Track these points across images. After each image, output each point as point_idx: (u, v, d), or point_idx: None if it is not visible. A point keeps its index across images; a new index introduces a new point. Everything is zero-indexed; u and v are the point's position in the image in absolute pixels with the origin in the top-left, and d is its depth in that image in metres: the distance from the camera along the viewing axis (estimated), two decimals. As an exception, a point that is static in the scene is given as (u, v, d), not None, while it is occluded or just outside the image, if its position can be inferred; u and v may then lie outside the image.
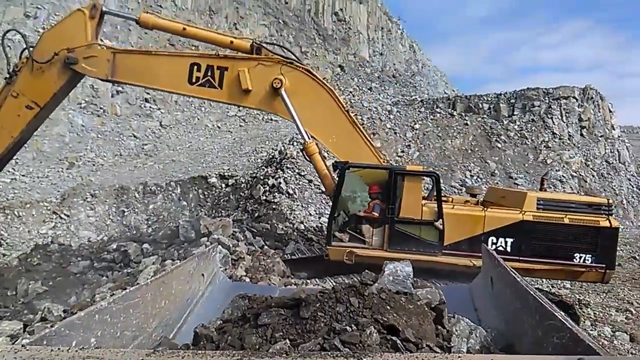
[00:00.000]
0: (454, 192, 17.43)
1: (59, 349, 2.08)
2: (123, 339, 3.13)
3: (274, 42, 16.56)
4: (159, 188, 15.76)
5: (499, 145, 20.62)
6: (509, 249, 8.07)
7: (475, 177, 18.87)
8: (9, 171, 16.77)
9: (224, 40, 9.00)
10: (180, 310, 3.98)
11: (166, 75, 8.75)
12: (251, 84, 8.52)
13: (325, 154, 9.42)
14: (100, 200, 15.06)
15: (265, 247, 9.58)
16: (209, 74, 8.59)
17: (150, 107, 23.91)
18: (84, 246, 11.48)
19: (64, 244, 11.73)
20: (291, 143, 18.76)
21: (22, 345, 2.16)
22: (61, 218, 14.07)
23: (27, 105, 8.43)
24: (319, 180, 10.27)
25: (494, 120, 22.08)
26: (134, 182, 16.34)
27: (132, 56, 9.07)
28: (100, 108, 21.81)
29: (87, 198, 14.98)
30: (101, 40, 9.49)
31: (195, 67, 8.60)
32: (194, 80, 8.60)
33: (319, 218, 13.82)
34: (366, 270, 3.75)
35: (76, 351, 2.03)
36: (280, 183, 14.96)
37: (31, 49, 8.46)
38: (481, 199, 9.59)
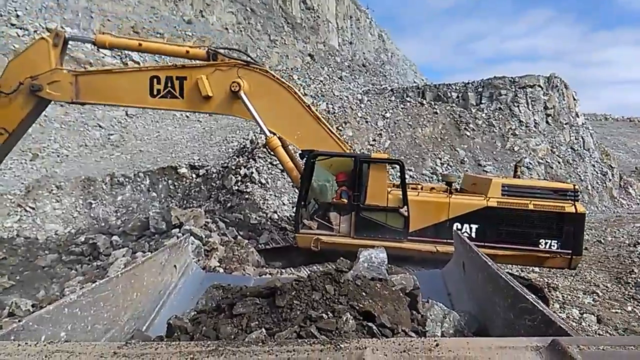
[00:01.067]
0: (426, 179, 17.69)
1: (26, 343, 2.03)
2: (94, 333, 3.07)
3: (229, 47, 16.50)
4: (127, 179, 15.41)
5: (468, 133, 20.99)
6: (473, 234, 8.25)
7: (445, 165, 19.18)
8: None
9: (180, 51, 9.16)
10: (153, 303, 3.92)
11: (128, 91, 8.85)
12: (211, 90, 8.65)
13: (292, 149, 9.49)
14: (66, 192, 14.61)
15: (239, 237, 9.53)
16: (169, 85, 8.70)
17: (116, 96, 23.29)
18: (51, 239, 11.17)
19: (30, 237, 11.39)
20: (262, 132, 18.61)
21: (-12, 342, 2.09)
22: (26, 211, 13.59)
23: None
24: (285, 172, 10.34)
25: (462, 109, 22.45)
26: (100, 173, 15.91)
27: (93, 77, 9.20)
28: (64, 97, 21.09)
29: (52, 190, 14.50)
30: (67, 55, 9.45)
31: (155, 79, 8.70)
32: (155, 93, 8.72)
33: (292, 207, 13.78)
34: (341, 258, 3.78)
35: (44, 345, 1.98)
36: (252, 173, 14.85)
37: None
38: (458, 187, 9.78)
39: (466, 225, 8.25)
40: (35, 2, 23.40)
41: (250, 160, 15.75)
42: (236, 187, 14.26)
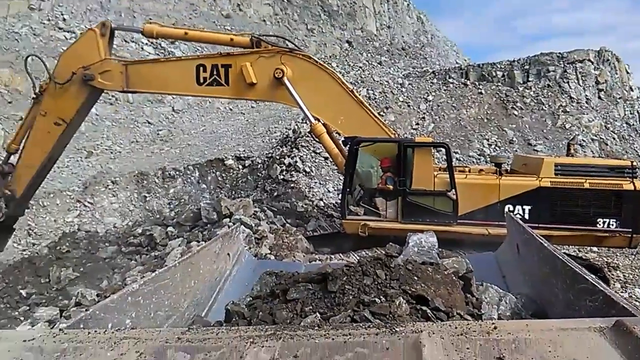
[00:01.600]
0: (473, 162, 17.26)
1: (96, 331, 2.15)
2: (157, 319, 3.22)
3: (272, 34, 16.41)
4: (177, 172, 15.94)
5: (516, 112, 20.25)
6: (526, 216, 8.03)
7: (493, 146, 18.63)
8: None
9: (224, 39, 9.34)
10: (210, 289, 4.07)
11: (175, 80, 9.10)
12: (255, 77, 8.71)
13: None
14: (121, 187, 15.30)
15: (287, 225, 9.69)
16: (215, 72, 8.85)
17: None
18: (110, 232, 11.75)
19: (90, 230, 12.01)
20: (304, 121, 18.68)
21: (60, 329, 2.24)
22: (85, 206, 14.35)
23: (55, 122, 8.98)
24: (330, 159, 10.36)
25: (508, 88, 21.65)
26: (152, 167, 16.53)
27: (142, 66, 9.46)
28: (113, 96, 21.89)
29: (108, 185, 15.23)
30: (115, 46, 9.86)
31: (201, 68, 8.86)
32: (201, 81, 8.90)
33: (338, 195, 13.78)
34: (390, 243, 3.78)
35: (113, 333, 2.10)
36: (296, 162, 14.98)
37: (52, 73, 8.96)
38: (507, 168, 9.53)
39: (518, 207, 8.04)
40: (80, 5, 24.33)
41: (294, 149, 15.89)
42: (281, 177, 14.45)
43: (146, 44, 24.05)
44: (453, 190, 8.04)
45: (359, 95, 9.45)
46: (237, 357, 1.74)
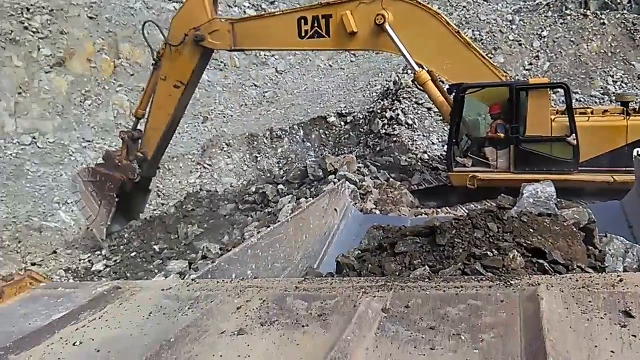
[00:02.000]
0: (595, 102, 15.54)
1: (223, 280, 2.40)
2: (274, 271, 3.49)
3: None
4: (284, 132, 16.56)
5: (646, 43, 17.66)
6: None
7: (619, 83, 16.52)
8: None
9: None
10: (320, 243, 4.28)
11: (279, 34, 9.23)
12: (356, 26, 8.49)
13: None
14: (235, 148, 16.34)
15: (391, 179, 9.68)
16: (316, 24, 8.76)
17: (265, 55, 24.59)
18: (228, 191, 12.66)
19: (211, 190, 13.06)
20: (405, 72, 18.06)
21: (193, 280, 2.53)
22: (205, 168, 15.62)
23: (174, 85, 9.63)
24: (436, 108, 9.94)
25: (636, 16, 18.82)
26: (261, 129, 17.34)
27: (247, 23, 9.70)
28: (222, 62, 23.02)
29: (223, 148, 16.34)
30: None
31: (303, 20, 8.82)
32: (303, 34, 8.88)
33: (443, 147, 13.35)
34: (502, 195, 3.63)
35: (238, 282, 2.32)
36: (398, 115, 14.69)
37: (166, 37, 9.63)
38: (636, 107, 8.50)
39: None
40: (188, -24, 25.51)
41: (395, 102, 15.54)
42: (384, 131, 14.29)
43: (248, 7, 24.70)
44: (573, 135, 7.38)
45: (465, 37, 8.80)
46: (350, 305, 1.85)
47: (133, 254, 9.99)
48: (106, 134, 17.89)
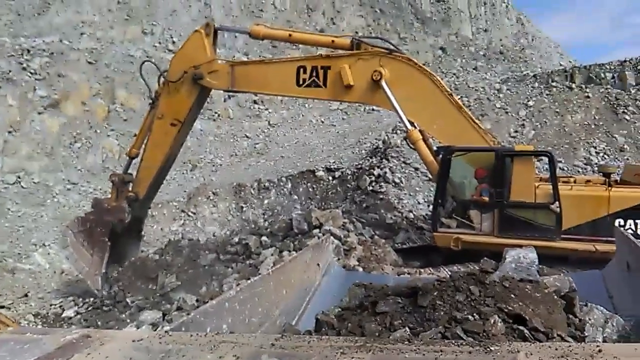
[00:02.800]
0: (578, 171, 15.95)
1: (197, 334, 2.32)
2: (251, 326, 3.38)
3: (373, 36, 16.26)
4: (271, 184, 16.61)
5: (627, 117, 18.39)
6: (639, 231, 7.25)
7: (601, 154, 17.06)
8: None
9: (326, 41, 9.49)
10: (300, 299, 4.19)
11: (277, 80, 9.38)
12: (352, 79, 8.66)
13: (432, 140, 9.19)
14: (221, 198, 16.29)
15: (376, 236, 9.65)
16: (314, 74, 8.95)
17: (259, 108, 25.18)
18: (210, 240, 12.49)
19: (193, 239, 12.88)
20: (394, 132, 18.53)
21: (165, 332, 2.44)
22: (189, 216, 15.48)
23: (171, 123, 9.71)
24: (425, 167, 10.08)
25: (619, 91, 19.73)
26: (249, 179, 17.39)
27: (247, 67, 10.00)
28: (215, 113, 23.44)
29: (209, 196, 16.28)
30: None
31: (302, 69, 9.02)
32: (301, 82, 9.04)
33: (428, 206, 13.48)
34: (485, 258, 3.63)
35: (212, 336, 2.24)
36: (385, 172, 14.89)
37: (165, 73, 9.79)
38: (617, 178, 8.72)
39: (630, 221, 7.28)
40: (187, 28, 26.33)
41: (383, 160, 15.81)
42: (370, 188, 14.42)
43: (237, 50, 25.49)
44: (557, 202, 7.49)
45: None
46: (327, 366, 1.78)
47: (106, 302, 9.67)
48: (92, 177, 17.80)
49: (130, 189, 10.16)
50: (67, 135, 18.62)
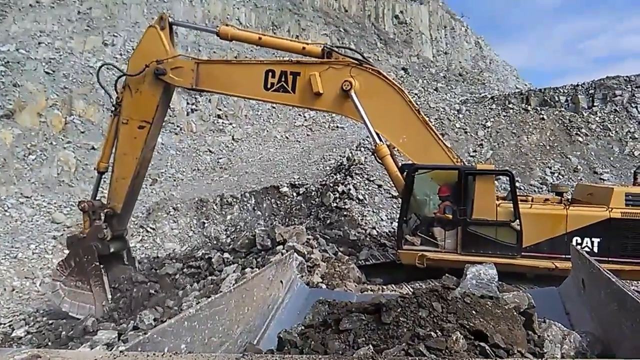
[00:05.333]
0: (534, 191, 16.55)
1: (154, 354, 2.21)
2: (211, 345, 3.27)
3: (344, 46, 16.44)
4: (234, 199, 16.40)
5: (580, 139, 19.33)
6: (595, 249, 7.54)
7: (556, 174, 17.80)
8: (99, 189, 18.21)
9: (297, 47, 9.30)
10: (263, 317, 4.10)
11: (244, 82, 9.16)
12: (322, 87, 8.63)
13: (396, 153, 9.29)
14: (182, 213, 15.93)
15: (339, 253, 9.62)
16: (283, 79, 8.84)
17: (222, 122, 24.97)
18: (171, 256, 12.15)
19: (151, 255, 12.51)
20: (358, 149, 18.76)
21: (120, 352, 2.32)
22: (147, 231, 15.03)
23: (138, 126, 9.26)
24: (391, 183, 10.15)
25: (572, 113, 20.76)
26: (211, 194, 17.11)
27: (213, 66, 9.63)
28: (178, 126, 23.09)
29: (170, 212, 15.90)
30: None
31: (270, 73, 8.88)
32: (269, 86, 8.90)
33: (391, 223, 13.66)
34: (447, 275, 3.67)
35: (170, 356, 2.15)
36: (349, 189, 14.99)
37: (124, 78, 9.40)
38: (569, 197, 9.07)
39: (587, 239, 7.57)
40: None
41: (348, 177, 15.92)
42: (335, 204, 14.47)
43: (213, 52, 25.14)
44: (517, 220, 7.70)
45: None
46: (289, 386, 1.74)
47: (58, 321, 9.21)
48: (47, 190, 17.11)
49: (106, 204, 9.56)
50: (21, 146, 17.88)
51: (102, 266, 9.20)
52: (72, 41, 22.98)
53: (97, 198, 9.86)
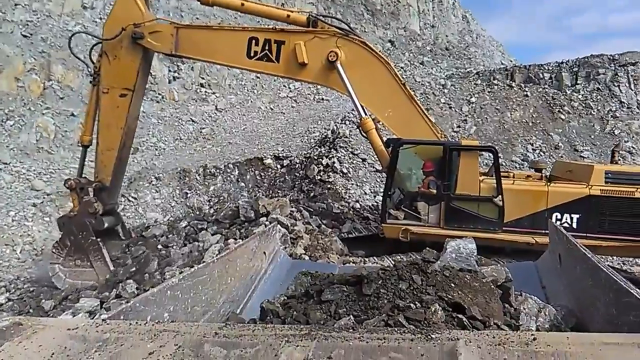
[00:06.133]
0: (516, 167, 16.79)
1: (136, 322, 2.23)
2: (194, 314, 3.30)
3: (330, 15, 16.00)
4: (218, 170, 16.30)
5: (562, 116, 19.56)
6: (574, 225, 7.75)
7: (537, 151, 18.05)
8: (78, 157, 17.88)
9: (281, 14, 9.08)
10: (246, 287, 4.14)
11: (226, 49, 8.93)
12: (307, 57, 8.49)
13: (381, 127, 9.27)
14: (164, 183, 15.80)
15: (322, 226, 9.71)
16: (267, 47, 8.64)
17: (205, 91, 24.53)
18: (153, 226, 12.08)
19: (133, 225, 12.42)
20: (343, 122, 18.69)
21: (103, 320, 2.33)
22: (129, 201, 14.89)
23: (120, 95, 8.96)
24: (375, 157, 10.17)
25: (556, 91, 20.93)
26: (194, 165, 16.96)
27: (194, 31, 9.34)
28: (159, 94, 22.61)
29: (152, 181, 15.75)
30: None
31: (254, 41, 8.67)
32: (252, 54, 8.70)
33: (374, 197, 13.77)
34: (427, 248, 3.74)
35: (153, 325, 2.17)
36: (334, 162, 15.01)
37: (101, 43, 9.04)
38: (547, 174, 9.23)
39: (566, 215, 7.76)
40: (131, 4, 25.16)
41: (332, 150, 15.92)
42: (319, 177, 14.50)
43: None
44: (500, 196, 7.83)
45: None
46: (272, 354, 1.77)
47: (39, 288, 9.18)
48: (25, 156, 16.73)
49: (95, 177, 9.32)
50: (-2, 112, 17.39)
51: (99, 239, 9.03)
52: (50, 3, 22.07)
53: (83, 174, 9.63)
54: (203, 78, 24.76)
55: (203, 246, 8.69)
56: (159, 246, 9.40)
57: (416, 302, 2.65)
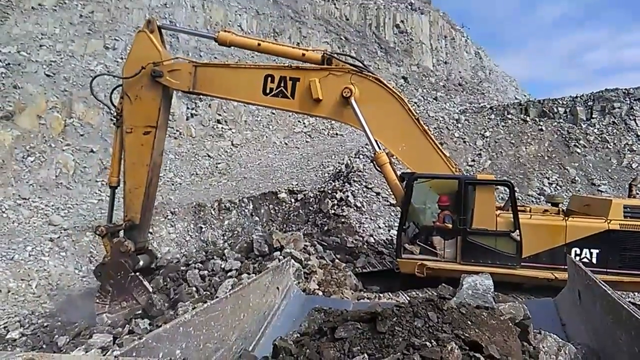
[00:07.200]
0: (532, 201, 16.57)
1: (148, 359, 2.21)
2: (205, 351, 3.26)
3: (344, 53, 16.39)
4: (232, 204, 16.38)
5: (578, 150, 19.39)
6: (594, 260, 7.56)
7: (554, 185, 17.83)
8: (96, 193, 18.17)
9: (296, 53, 9.26)
10: (258, 323, 4.09)
11: (242, 86, 9.13)
12: (322, 94, 8.61)
13: (395, 161, 9.27)
14: (179, 217, 15.91)
15: (336, 260, 9.61)
16: (282, 84, 8.80)
17: (222, 127, 24.98)
18: (167, 260, 12.11)
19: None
20: (357, 156, 18.77)
21: (115, 357, 2.31)
22: (145, 235, 14.98)
23: (144, 132, 9.13)
24: (389, 191, 10.13)
25: (571, 125, 20.82)
26: (209, 199, 17.09)
27: (211, 69, 9.58)
28: (177, 131, 23.09)
29: (167, 216, 15.87)
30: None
31: (270, 78, 8.86)
32: (267, 91, 8.87)
33: (389, 231, 13.65)
34: (443, 284, 3.67)
35: (165, 362, 2.14)
36: (348, 196, 14.98)
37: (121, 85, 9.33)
38: (564, 208, 9.08)
39: (586, 250, 7.58)
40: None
41: (346, 184, 15.92)
42: (332, 211, 14.45)
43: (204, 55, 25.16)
44: (517, 230, 7.71)
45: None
46: (282, 395, 1.74)
47: (53, 323, 9.18)
48: (44, 192, 17.08)
49: (124, 217, 9.33)
50: (20, 148, 17.87)
51: (137, 274, 8.94)
52: (73, 44, 23.03)
53: (112, 217, 9.63)
54: (220, 114, 25.27)
55: (217, 281, 8.65)
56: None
57: (432, 341, 2.58)
